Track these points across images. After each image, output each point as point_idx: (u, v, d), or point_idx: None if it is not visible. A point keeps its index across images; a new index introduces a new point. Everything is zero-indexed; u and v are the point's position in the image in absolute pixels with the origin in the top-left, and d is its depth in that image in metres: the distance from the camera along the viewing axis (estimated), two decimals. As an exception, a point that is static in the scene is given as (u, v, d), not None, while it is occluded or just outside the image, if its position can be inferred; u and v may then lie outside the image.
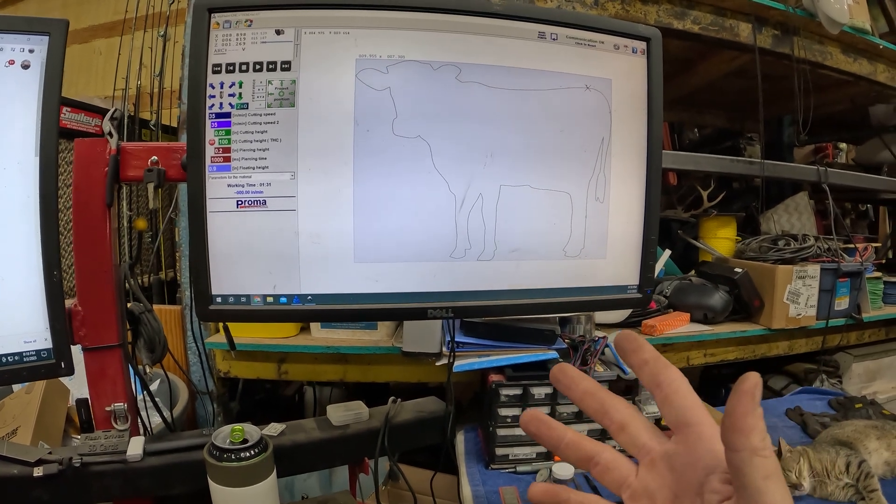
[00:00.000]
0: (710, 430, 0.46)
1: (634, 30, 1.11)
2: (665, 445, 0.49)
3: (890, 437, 1.57)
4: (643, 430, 0.51)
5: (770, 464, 0.40)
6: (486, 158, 1.02)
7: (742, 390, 0.41)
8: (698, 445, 0.47)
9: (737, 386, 0.41)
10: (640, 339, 0.51)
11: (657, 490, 0.48)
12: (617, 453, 0.53)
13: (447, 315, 1.04)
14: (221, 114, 0.97)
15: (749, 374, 0.42)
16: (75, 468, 1.05)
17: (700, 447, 0.47)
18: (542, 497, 0.53)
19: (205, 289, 0.98)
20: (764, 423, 0.41)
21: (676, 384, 0.49)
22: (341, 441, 1.27)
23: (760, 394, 0.41)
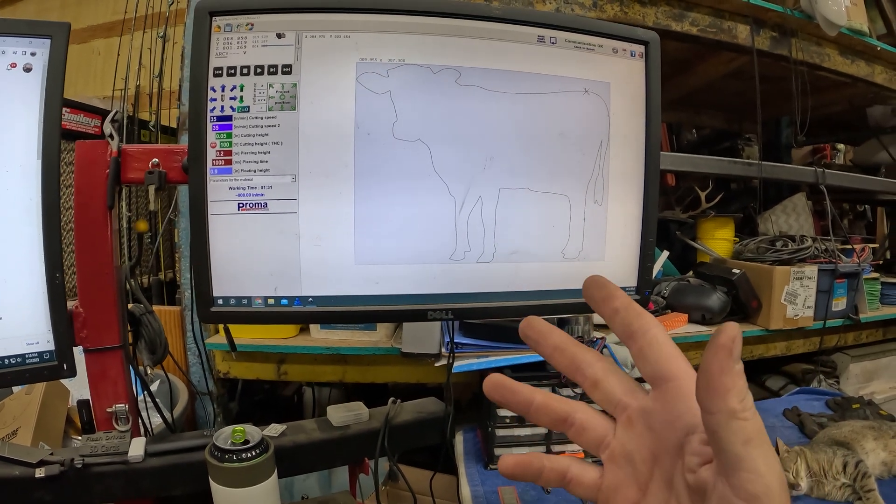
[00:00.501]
0: (691, 385, 0.40)
1: (633, 33, 1.11)
2: (642, 401, 0.45)
3: (887, 437, 1.58)
4: (618, 386, 0.47)
5: (750, 427, 0.36)
6: (485, 161, 1.03)
7: (718, 344, 0.36)
8: (678, 402, 0.42)
9: (712, 339, 0.36)
10: (611, 285, 0.47)
11: (635, 450, 0.44)
12: (592, 411, 0.48)
13: (447, 317, 1.04)
14: (223, 117, 0.97)
15: (726, 325, 0.37)
16: (77, 469, 1.05)
17: (679, 404, 0.42)
18: (515, 469, 0.47)
19: (206, 291, 0.99)
20: (744, 382, 0.36)
21: (652, 334, 0.44)
22: (341, 442, 1.27)
23: (740, 348, 0.36)
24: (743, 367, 0.36)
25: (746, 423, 0.36)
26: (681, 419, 0.42)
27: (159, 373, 1.60)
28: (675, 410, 0.42)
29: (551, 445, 1.69)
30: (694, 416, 0.40)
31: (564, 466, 0.47)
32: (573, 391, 1.60)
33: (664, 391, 0.43)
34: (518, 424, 1.66)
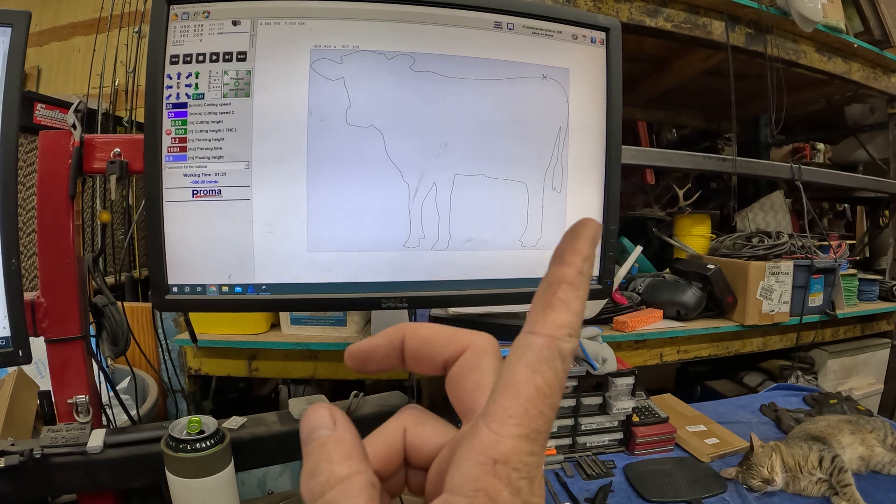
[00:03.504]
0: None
1: (593, 20, 1.11)
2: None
3: (864, 431, 1.58)
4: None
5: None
6: (440, 148, 1.02)
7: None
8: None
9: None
10: (578, 243, 0.29)
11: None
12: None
13: (401, 305, 1.04)
14: (178, 104, 0.97)
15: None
16: (36, 460, 1.04)
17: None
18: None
19: (161, 278, 0.98)
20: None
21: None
22: (302, 434, 1.26)
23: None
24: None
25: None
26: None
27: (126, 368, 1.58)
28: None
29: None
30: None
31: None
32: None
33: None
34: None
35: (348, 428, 0.30)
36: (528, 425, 0.27)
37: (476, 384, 0.33)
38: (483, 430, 0.27)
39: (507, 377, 0.27)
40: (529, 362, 0.27)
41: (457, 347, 0.35)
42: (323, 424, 0.30)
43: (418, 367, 0.37)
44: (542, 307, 0.29)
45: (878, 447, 1.55)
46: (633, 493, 1.48)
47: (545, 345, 0.27)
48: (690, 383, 3.37)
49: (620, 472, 1.59)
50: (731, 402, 2.15)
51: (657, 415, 1.74)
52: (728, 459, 1.62)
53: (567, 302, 0.28)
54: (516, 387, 0.27)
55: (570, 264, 0.29)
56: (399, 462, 0.35)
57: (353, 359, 0.38)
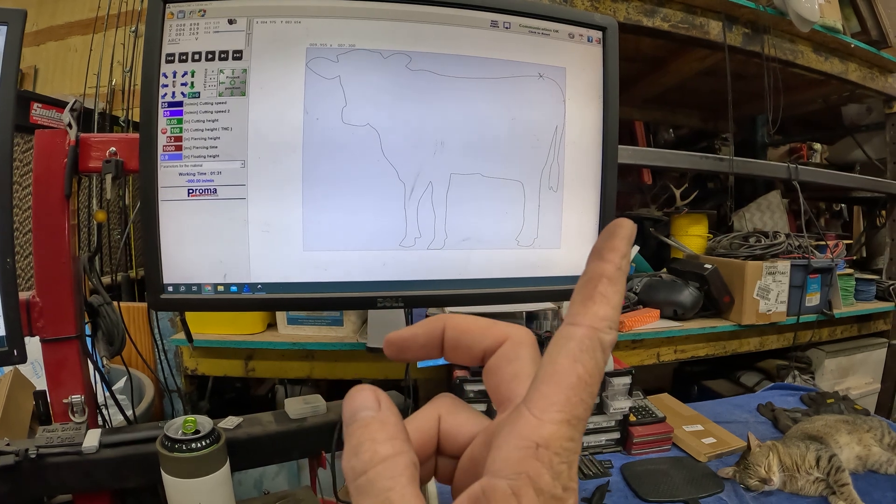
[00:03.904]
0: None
1: (590, 19, 1.11)
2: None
3: (861, 431, 1.58)
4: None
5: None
6: (436, 147, 1.02)
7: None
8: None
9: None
10: (616, 241, 0.31)
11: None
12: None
13: (397, 304, 1.04)
14: (174, 103, 0.97)
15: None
16: (31, 460, 1.04)
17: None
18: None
19: (156, 278, 0.98)
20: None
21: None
22: (298, 434, 1.26)
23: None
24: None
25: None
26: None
27: (122, 368, 1.58)
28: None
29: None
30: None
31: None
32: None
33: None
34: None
35: (392, 410, 0.31)
36: (570, 412, 0.28)
37: (514, 374, 0.34)
38: (526, 415, 0.28)
39: (549, 367, 0.29)
40: (571, 352, 0.28)
41: (495, 338, 0.36)
42: (367, 406, 0.31)
43: (456, 356, 0.38)
44: (583, 300, 0.30)
45: (875, 446, 1.55)
46: (631, 492, 1.48)
47: (587, 335, 0.28)
48: (687, 383, 3.37)
49: (617, 471, 1.58)
50: (728, 401, 2.15)
51: (654, 414, 1.74)
52: (725, 459, 1.62)
53: (607, 296, 0.29)
54: (558, 375, 0.28)
55: (610, 261, 0.30)
56: (432, 449, 0.36)
57: (393, 346, 0.39)
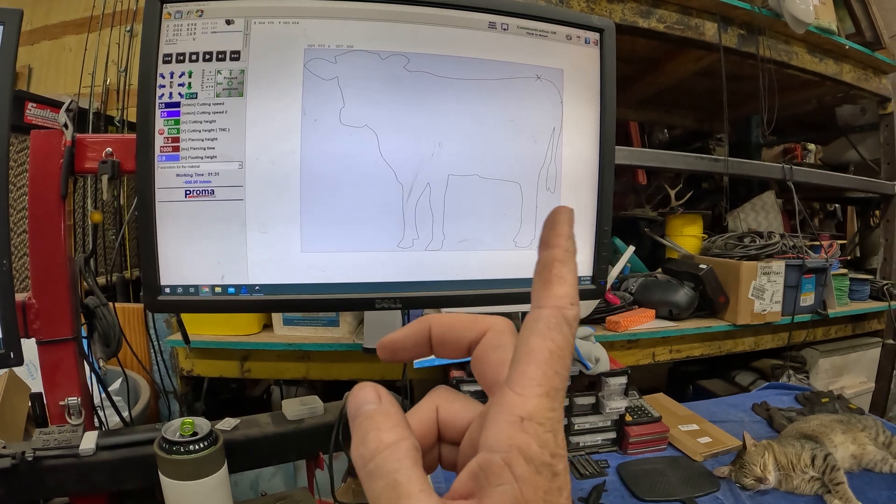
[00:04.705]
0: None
1: (587, 20, 1.11)
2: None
3: (855, 430, 1.58)
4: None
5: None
6: (433, 148, 1.02)
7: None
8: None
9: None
10: (559, 226, 0.35)
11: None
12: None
13: (395, 306, 1.04)
14: (171, 103, 0.96)
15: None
16: (28, 462, 1.04)
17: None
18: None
19: (153, 279, 0.98)
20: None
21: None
22: (295, 436, 1.26)
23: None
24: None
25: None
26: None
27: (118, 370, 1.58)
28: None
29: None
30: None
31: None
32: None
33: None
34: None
35: (392, 402, 0.34)
36: (547, 384, 0.31)
37: (499, 360, 0.37)
38: (509, 394, 0.31)
39: (523, 347, 0.31)
40: (541, 331, 0.31)
41: (479, 330, 0.39)
42: (369, 400, 0.34)
43: (445, 352, 0.41)
44: (542, 285, 0.33)
45: (869, 445, 1.55)
46: (627, 492, 1.48)
47: (552, 314, 0.31)
48: (682, 383, 3.37)
49: (614, 471, 1.59)
50: (723, 401, 2.16)
51: (650, 414, 1.74)
52: (721, 458, 1.62)
53: (562, 277, 0.32)
54: (532, 354, 0.31)
55: (557, 246, 0.33)
56: (434, 438, 0.38)
57: (385, 349, 0.42)
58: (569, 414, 1.67)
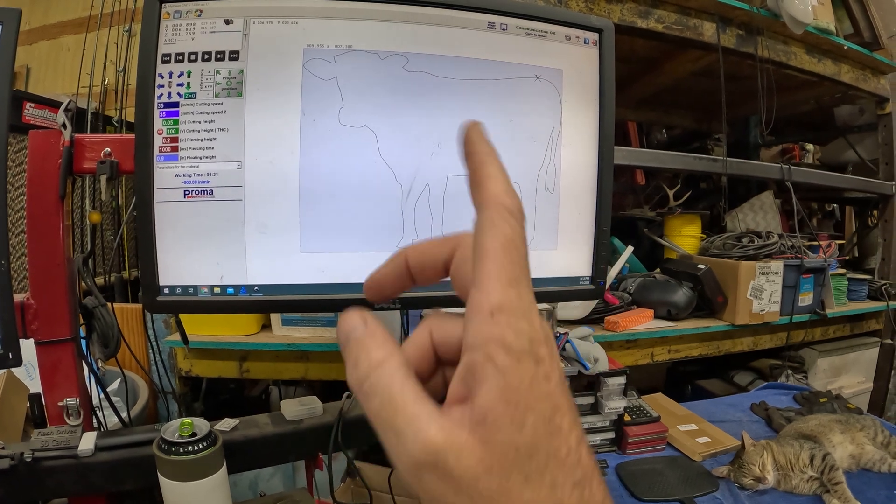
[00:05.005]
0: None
1: (586, 21, 1.11)
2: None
3: (854, 430, 1.58)
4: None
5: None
6: (433, 148, 1.02)
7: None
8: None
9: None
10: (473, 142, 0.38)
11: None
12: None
13: (394, 306, 1.04)
14: (170, 103, 0.96)
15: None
16: (27, 463, 1.03)
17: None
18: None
19: (152, 280, 0.97)
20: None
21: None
22: (294, 436, 1.25)
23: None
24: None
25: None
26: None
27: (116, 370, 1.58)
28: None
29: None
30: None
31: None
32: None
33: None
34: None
35: (377, 324, 0.36)
36: (506, 275, 0.32)
37: (471, 272, 0.37)
38: (475, 294, 0.32)
39: (477, 249, 0.33)
40: (487, 229, 0.33)
41: (450, 247, 0.41)
42: (355, 326, 0.36)
43: (424, 277, 0.42)
44: (477, 189, 0.35)
45: (868, 445, 1.56)
46: (626, 492, 1.48)
47: (492, 208, 0.34)
48: (681, 383, 3.38)
49: (612, 471, 1.59)
50: (721, 401, 2.16)
51: (649, 414, 1.74)
52: (719, 458, 1.63)
53: (491, 175, 0.35)
54: (485, 251, 0.33)
55: (477, 152, 0.37)
56: (432, 360, 0.39)
57: (371, 289, 0.46)
58: (568, 414, 1.67)
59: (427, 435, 0.32)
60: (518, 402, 0.31)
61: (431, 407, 0.33)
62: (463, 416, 0.32)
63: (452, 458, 0.31)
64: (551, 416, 0.32)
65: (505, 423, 0.31)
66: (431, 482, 0.32)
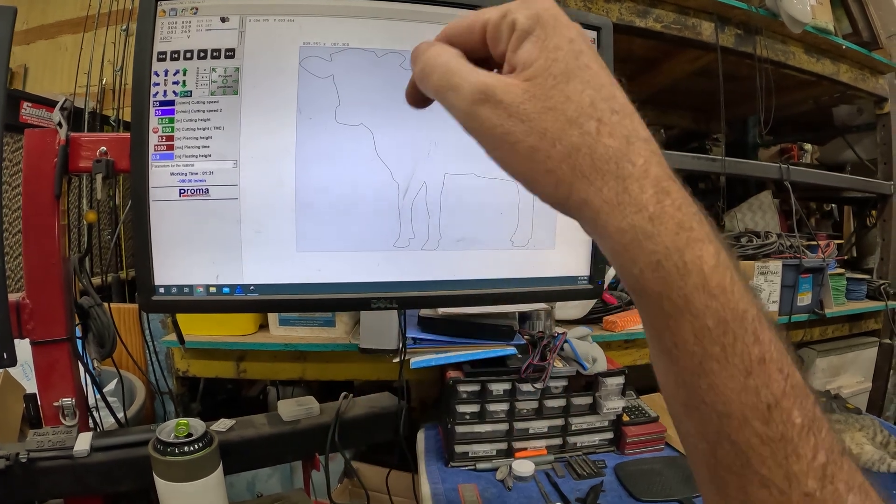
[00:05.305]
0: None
1: (584, 19, 1.11)
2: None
3: (853, 430, 1.58)
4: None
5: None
6: (429, 147, 1.01)
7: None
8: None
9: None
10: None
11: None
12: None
13: (391, 306, 1.03)
14: (165, 101, 0.96)
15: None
16: (22, 464, 1.03)
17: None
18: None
19: (147, 279, 0.97)
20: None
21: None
22: (291, 436, 1.25)
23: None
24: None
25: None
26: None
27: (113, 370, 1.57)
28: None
29: (513, 442, 1.68)
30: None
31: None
32: (533, 386, 1.59)
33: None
34: (478, 421, 1.64)
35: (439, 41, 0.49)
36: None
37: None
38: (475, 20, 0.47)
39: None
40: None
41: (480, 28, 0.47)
42: (422, 45, 0.49)
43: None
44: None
45: (867, 445, 1.55)
46: (625, 492, 1.48)
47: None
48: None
49: (611, 471, 1.59)
50: (720, 401, 2.15)
51: (647, 414, 1.74)
52: (718, 459, 1.62)
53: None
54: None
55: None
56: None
57: (410, 96, 0.57)
58: (566, 414, 1.67)
59: (478, 78, 0.43)
60: (549, 50, 0.42)
61: (483, 70, 0.44)
62: (508, 74, 0.43)
63: (500, 91, 0.41)
64: (577, 53, 0.42)
65: (540, 60, 0.41)
66: (486, 113, 0.42)
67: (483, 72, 0.43)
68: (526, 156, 0.42)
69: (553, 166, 0.41)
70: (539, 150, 0.41)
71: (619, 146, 0.40)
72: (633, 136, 0.41)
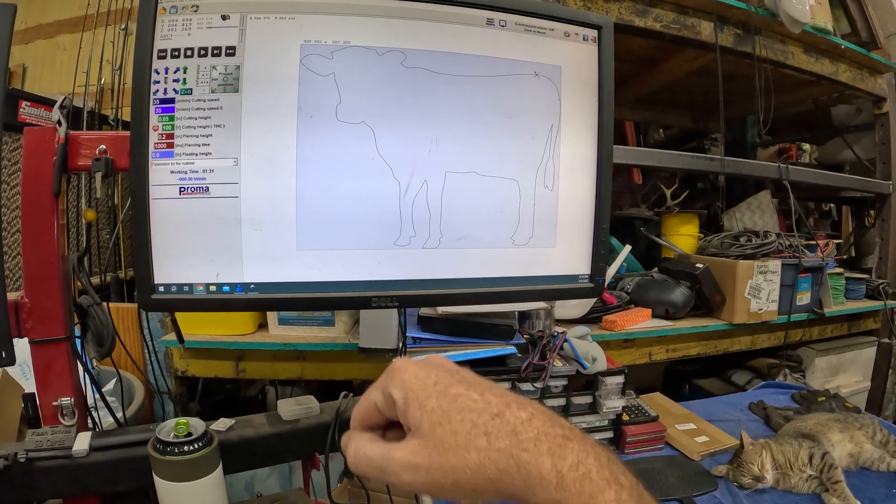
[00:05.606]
0: None
1: (585, 17, 1.11)
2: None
3: (853, 429, 1.58)
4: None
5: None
6: (431, 145, 1.01)
7: None
8: None
9: None
10: None
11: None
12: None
13: (392, 304, 1.03)
14: (165, 99, 0.95)
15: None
16: (21, 464, 1.02)
17: None
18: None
19: (147, 278, 0.96)
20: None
21: None
22: (291, 436, 1.24)
23: None
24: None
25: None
26: None
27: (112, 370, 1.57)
28: None
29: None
30: None
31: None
32: (533, 386, 1.59)
33: None
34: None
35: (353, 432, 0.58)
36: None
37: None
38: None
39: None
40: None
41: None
42: (344, 441, 0.59)
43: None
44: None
45: (866, 444, 1.55)
46: (624, 492, 1.47)
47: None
48: (679, 382, 3.38)
49: (611, 471, 1.58)
50: (719, 400, 2.16)
51: (647, 413, 1.74)
52: (718, 457, 1.62)
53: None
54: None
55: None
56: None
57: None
58: (565, 413, 1.66)
59: (391, 454, 0.52)
60: (426, 408, 0.51)
61: (392, 444, 0.53)
62: (409, 433, 0.52)
63: (411, 456, 0.51)
64: (444, 391, 0.51)
65: (423, 420, 0.50)
66: (412, 476, 0.51)
67: (392, 446, 0.53)
68: (457, 488, 0.50)
69: (479, 484, 0.48)
70: (460, 481, 0.49)
71: (509, 443, 0.48)
72: (517, 423, 0.49)
